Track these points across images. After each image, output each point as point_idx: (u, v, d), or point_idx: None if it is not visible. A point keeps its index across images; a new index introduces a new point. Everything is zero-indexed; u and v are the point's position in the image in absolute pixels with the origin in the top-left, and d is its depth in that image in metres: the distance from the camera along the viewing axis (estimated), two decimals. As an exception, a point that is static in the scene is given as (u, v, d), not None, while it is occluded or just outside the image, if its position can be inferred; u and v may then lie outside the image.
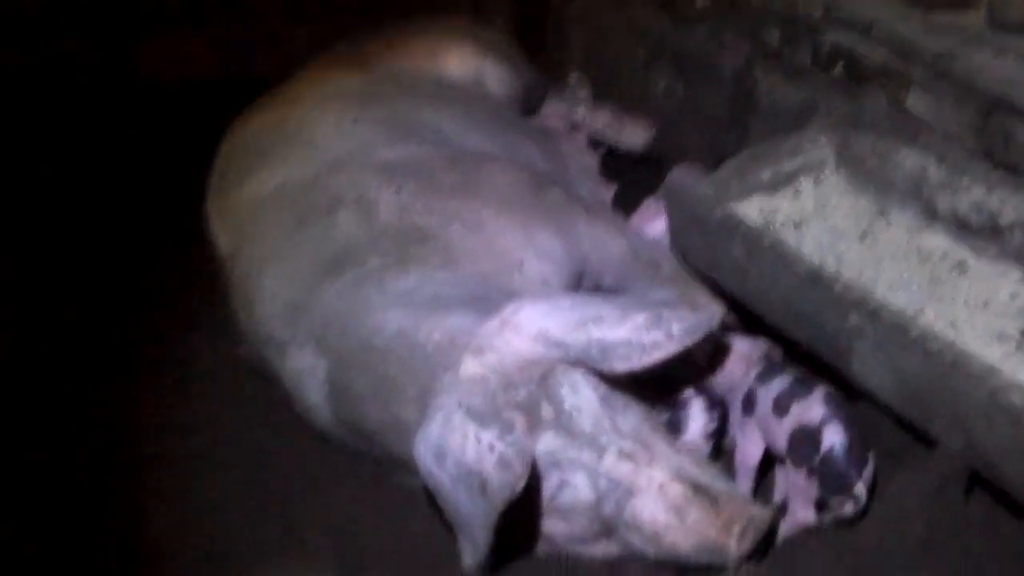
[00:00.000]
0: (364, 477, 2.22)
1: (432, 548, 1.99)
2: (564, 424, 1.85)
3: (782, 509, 2.04)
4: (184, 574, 2.09)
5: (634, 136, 3.49)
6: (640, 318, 1.84)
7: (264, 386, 2.40)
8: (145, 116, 4.01)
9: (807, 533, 1.97)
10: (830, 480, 1.90)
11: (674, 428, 2.10)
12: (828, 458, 1.90)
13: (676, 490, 1.80)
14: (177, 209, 3.06)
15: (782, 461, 2.05)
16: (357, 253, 2.24)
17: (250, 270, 2.41)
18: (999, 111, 2.24)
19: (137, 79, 4.28)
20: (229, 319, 2.48)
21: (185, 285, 2.96)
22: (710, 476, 1.86)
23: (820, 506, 1.95)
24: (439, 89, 3.06)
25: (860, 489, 1.88)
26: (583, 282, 2.44)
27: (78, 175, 3.64)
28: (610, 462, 1.83)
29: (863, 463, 1.90)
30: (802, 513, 1.96)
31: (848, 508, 1.91)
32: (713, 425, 2.12)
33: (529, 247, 2.32)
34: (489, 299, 2.04)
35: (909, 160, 2.33)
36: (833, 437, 1.91)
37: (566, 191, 2.62)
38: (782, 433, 2.00)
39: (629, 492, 1.82)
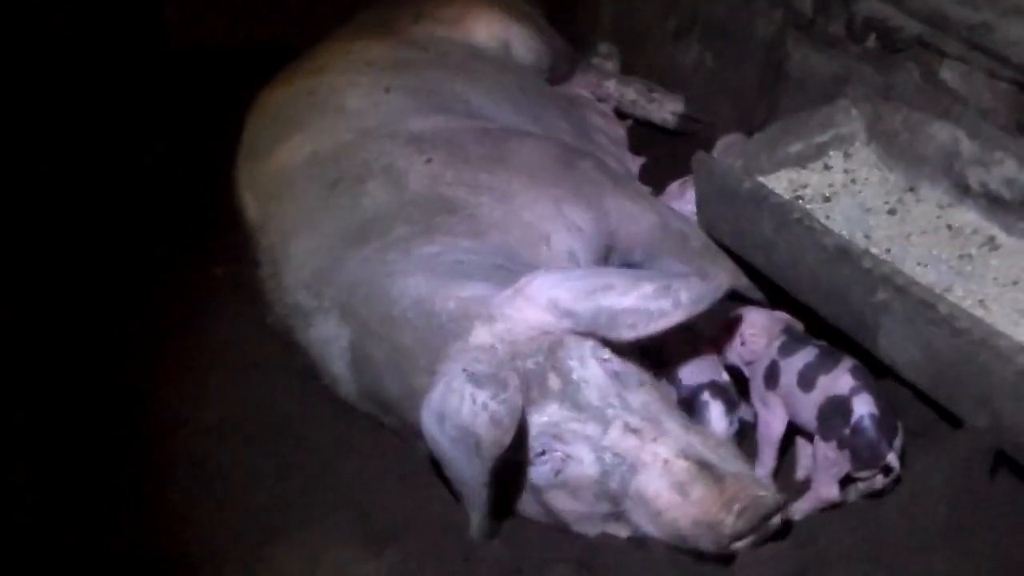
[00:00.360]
0: (387, 448, 2.23)
1: (454, 518, 2.00)
2: (571, 396, 1.85)
3: (805, 486, 2.04)
4: (205, 541, 2.11)
5: (664, 110, 3.47)
6: (649, 287, 1.85)
7: (289, 356, 2.40)
8: (169, 82, 3.99)
9: (830, 510, 1.97)
10: (861, 451, 1.88)
11: None
12: (858, 428, 1.88)
13: (680, 466, 1.78)
14: (202, 176, 3.06)
15: (806, 436, 2.05)
16: (385, 222, 2.25)
17: (279, 239, 2.42)
18: (1034, 85, 2.22)
19: (162, 44, 4.27)
20: (256, 288, 2.48)
21: (210, 253, 2.97)
22: (720, 457, 1.83)
23: (844, 482, 1.95)
24: (469, 59, 3.05)
25: (892, 459, 1.88)
26: (612, 256, 2.43)
27: (102, 140, 3.64)
28: (615, 436, 1.82)
29: (893, 433, 1.89)
30: (825, 490, 1.96)
31: (879, 479, 1.90)
32: (734, 428, 2.09)
33: (557, 220, 2.31)
34: (511, 271, 2.05)
35: (941, 134, 2.31)
36: (862, 407, 1.89)
37: (596, 163, 2.61)
38: (810, 406, 1.98)
39: (633, 467, 1.80)
